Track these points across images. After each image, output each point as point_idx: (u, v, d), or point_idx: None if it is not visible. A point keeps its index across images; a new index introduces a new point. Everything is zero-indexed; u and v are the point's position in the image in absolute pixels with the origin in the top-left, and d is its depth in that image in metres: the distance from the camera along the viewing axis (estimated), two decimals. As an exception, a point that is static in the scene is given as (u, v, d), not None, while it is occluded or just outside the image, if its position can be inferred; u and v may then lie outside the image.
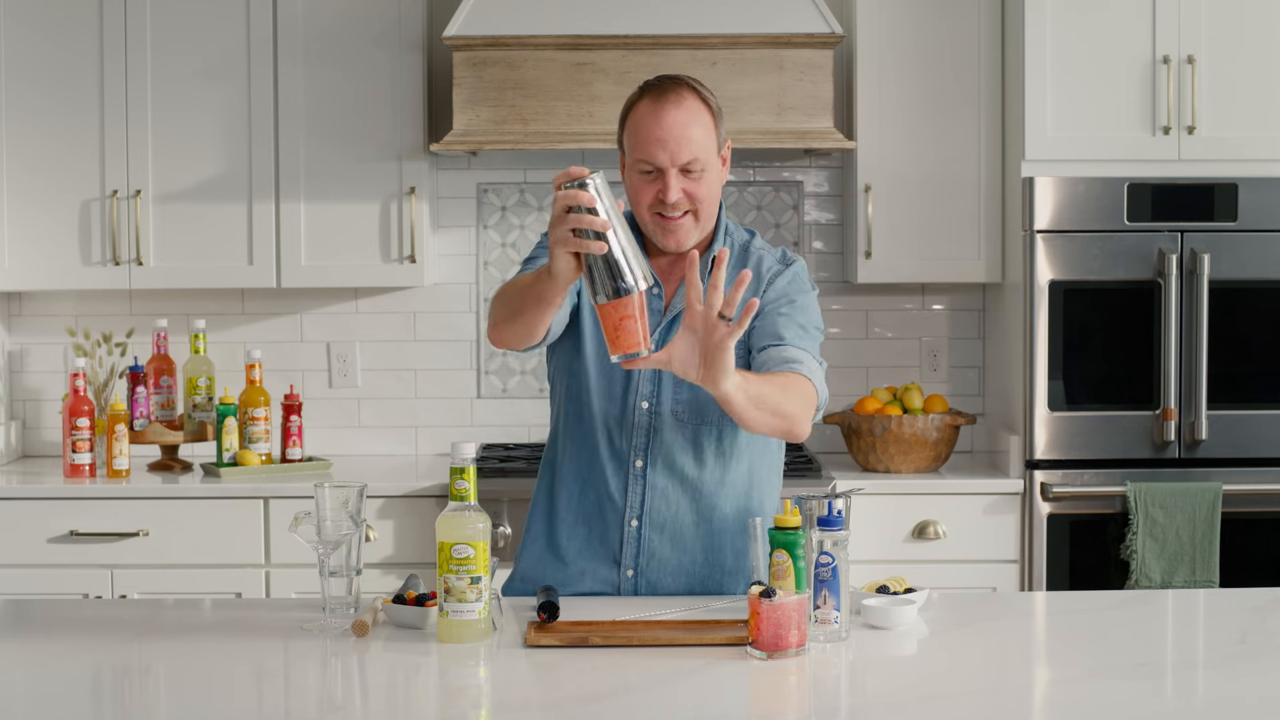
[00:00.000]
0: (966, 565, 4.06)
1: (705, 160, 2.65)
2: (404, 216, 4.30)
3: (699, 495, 2.76)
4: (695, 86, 2.69)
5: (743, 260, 2.79)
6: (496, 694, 2.24)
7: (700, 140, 2.64)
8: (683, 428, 2.74)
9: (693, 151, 2.63)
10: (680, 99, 2.65)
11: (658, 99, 2.65)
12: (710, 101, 2.69)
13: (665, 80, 2.69)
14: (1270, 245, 4.02)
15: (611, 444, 2.76)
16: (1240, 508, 4.01)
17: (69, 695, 2.19)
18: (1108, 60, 4.04)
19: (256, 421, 4.25)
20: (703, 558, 2.77)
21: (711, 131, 2.67)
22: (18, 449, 4.57)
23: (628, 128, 2.70)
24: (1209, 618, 2.63)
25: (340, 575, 2.58)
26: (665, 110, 2.63)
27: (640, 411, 2.74)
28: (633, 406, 2.74)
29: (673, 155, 2.63)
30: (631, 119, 2.68)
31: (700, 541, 2.77)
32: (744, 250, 2.81)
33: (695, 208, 2.67)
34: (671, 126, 2.63)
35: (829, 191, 4.60)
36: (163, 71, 4.27)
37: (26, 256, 4.30)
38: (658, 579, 2.76)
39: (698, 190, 2.66)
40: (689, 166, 2.64)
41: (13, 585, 4.00)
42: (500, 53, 4.08)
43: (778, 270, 2.79)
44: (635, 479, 2.75)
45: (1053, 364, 4.03)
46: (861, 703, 2.20)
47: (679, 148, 2.63)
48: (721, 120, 2.71)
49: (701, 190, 2.66)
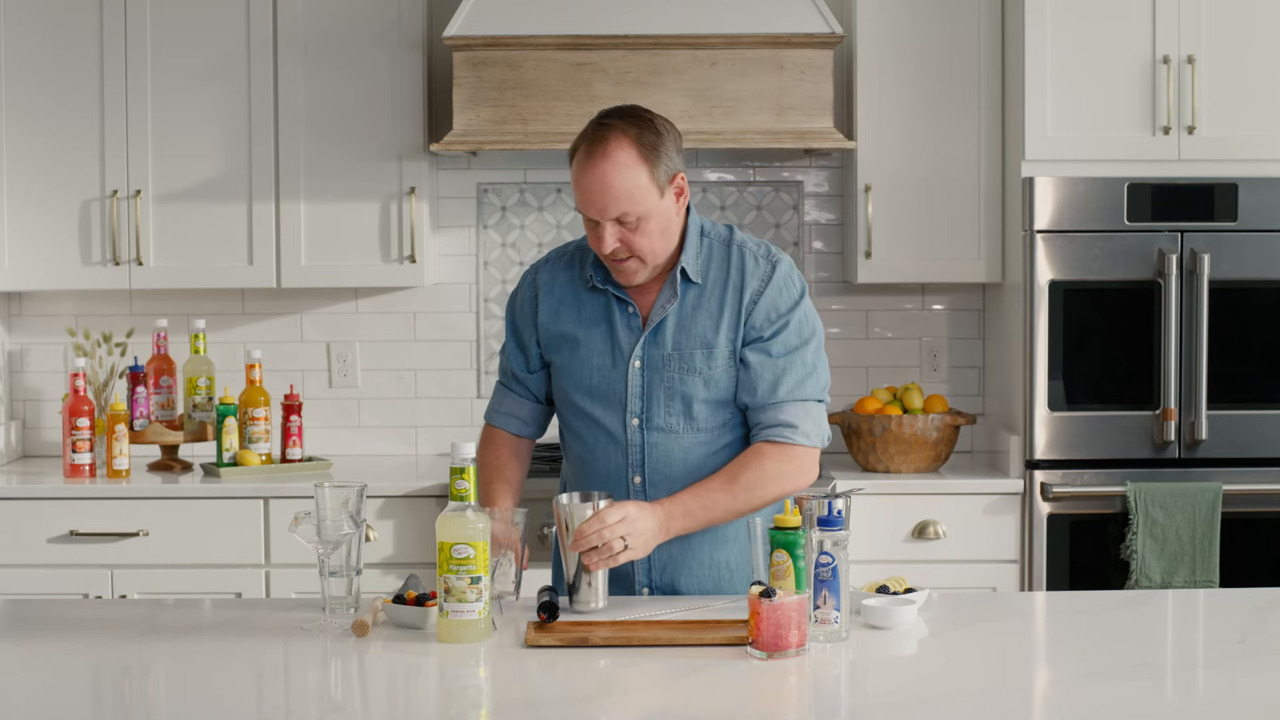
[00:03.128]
0: (966, 565, 4.06)
1: (638, 210, 2.65)
2: (404, 216, 4.30)
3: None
4: (629, 131, 2.65)
5: (726, 259, 2.78)
6: (496, 694, 2.24)
7: (628, 194, 2.63)
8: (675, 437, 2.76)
9: (620, 207, 2.64)
10: (607, 153, 2.63)
11: (589, 152, 2.65)
12: (644, 144, 2.64)
13: (601, 125, 2.67)
14: (1270, 245, 4.02)
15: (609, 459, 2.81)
16: (1240, 508, 4.01)
17: (69, 695, 2.19)
18: (1108, 60, 4.04)
19: (256, 421, 4.25)
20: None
21: (646, 179, 2.64)
22: (18, 449, 4.57)
23: (571, 175, 2.71)
24: (1209, 618, 2.63)
25: (340, 575, 2.58)
26: (592, 166, 2.64)
27: (632, 429, 2.76)
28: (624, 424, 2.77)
29: (601, 211, 2.65)
30: (571, 169, 2.70)
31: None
32: (725, 247, 2.80)
33: (636, 254, 2.69)
34: (597, 185, 2.64)
35: (829, 191, 4.60)
36: (163, 72, 4.27)
37: (26, 256, 4.30)
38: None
39: (634, 240, 2.67)
40: (621, 219, 2.65)
41: (13, 585, 4.00)
42: (500, 53, 4.08)
43: (764, 272, 2.77)
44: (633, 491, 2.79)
45: (1053, 364, 4.03)
46: (861, 703, 2.20)
47: (605, 204, 2.64)
48: (662, 159, 2.66)
49: (639, 240, 2.67)
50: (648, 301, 2.78)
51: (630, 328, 2.76)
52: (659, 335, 2.75)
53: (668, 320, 2.75)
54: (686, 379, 2.74)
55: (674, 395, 2.74)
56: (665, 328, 2.75)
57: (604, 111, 2.73)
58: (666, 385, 2.74)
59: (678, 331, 2.75)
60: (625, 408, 2.75)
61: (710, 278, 2.77)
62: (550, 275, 2.85)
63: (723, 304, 2.75)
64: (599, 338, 2.78)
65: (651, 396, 2.75)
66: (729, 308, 2.75)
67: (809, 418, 2.74)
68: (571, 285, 2.82)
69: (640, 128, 2.67)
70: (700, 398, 2.74)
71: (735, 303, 2.75)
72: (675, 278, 2.75)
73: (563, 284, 2.83)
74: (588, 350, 2.78)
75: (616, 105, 2.76)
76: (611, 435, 2.77)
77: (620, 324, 2.77)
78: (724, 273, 2.77)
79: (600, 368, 2.77)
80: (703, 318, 2.75)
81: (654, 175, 2.66)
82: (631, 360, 2.75)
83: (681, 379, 2.74)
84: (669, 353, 2.74)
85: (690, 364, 2.73)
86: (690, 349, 2.74)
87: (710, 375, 2.74)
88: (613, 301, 2.78)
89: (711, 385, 2.74)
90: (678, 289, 2.75)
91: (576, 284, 2.82)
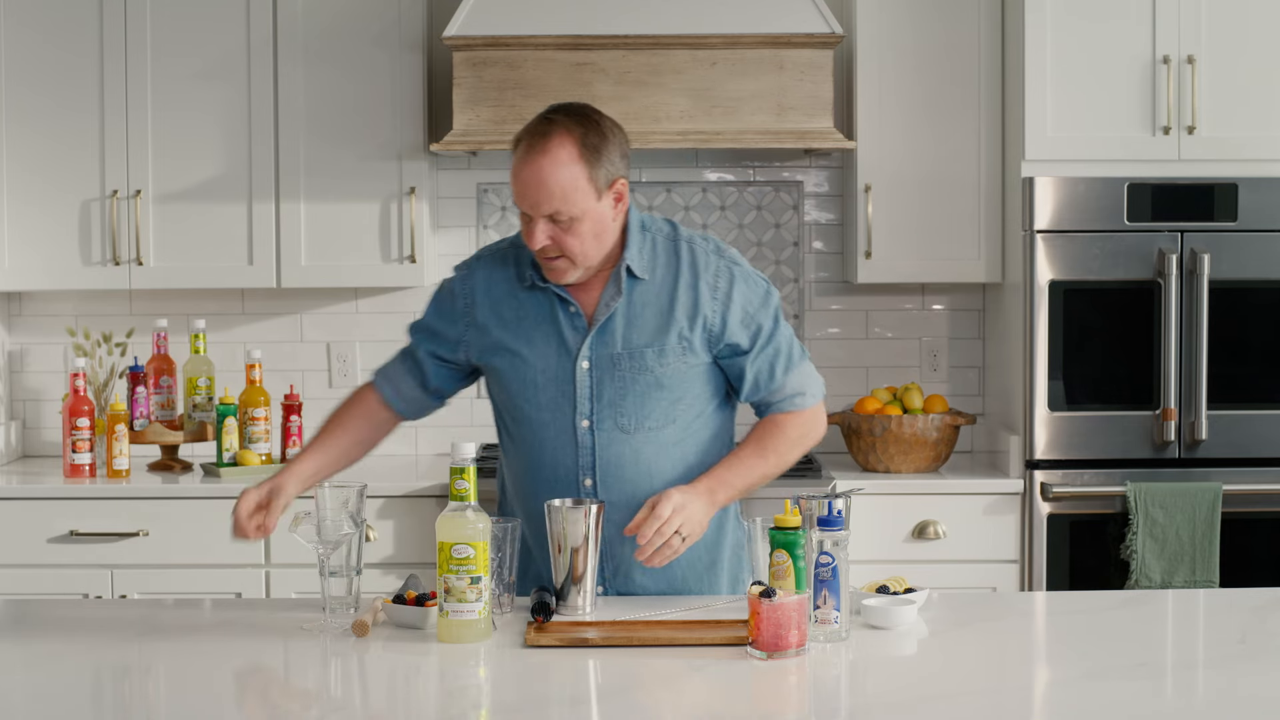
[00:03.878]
0: (966, 565, 4.06)
1: (572, 211, 2.61)
2: (404, 216, 4.30)
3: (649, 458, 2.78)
4: (574, 129, 2.62)
5: (675, 256, 2.75)
6: (496, 694, 2.24)
7: (563, 193, 2.60)
8: (628, 437, 2.74)
9: (554, 205, 2.60)
10: (548, 149, 2.60)
11: (530, 145, 2.62)
12: (587, 144, 2.61)
13: (546, 120, 2.64)
14: (1270, 245, 4.02)
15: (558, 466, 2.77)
16: (1240, 508, 4.01)
17: (69, 695, 2.19)
18: (1108, 60, 4.04)
19: (256, 421, 4.25)
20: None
21: (583, 180, 2.61)
22: (18, 449, 4.57)
23: (511, 164, 2.68)
24: (1209, 618, 2.63)
25: (340, 575, 2.58)
26: (530, 159, 2.61)
27: (582, 430, 2.73)
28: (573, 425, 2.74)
29: (533, 206, 2.62)
30: (514, 157, 2.66)
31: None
32: (671, 243, 2.76)
33: (566, 255, 2.65)
34: (533, 179, 2.60)
35: (829, 191, 4.60)
36: (163, 72, 4.27)
37: (26, 256, 4.30)
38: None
39: (566, 240, 2.63)
40: (554, 217, 2.62)
41: (13, 585, 4.00)
42: (500, 53, 4.08)
43: (726, 271, 2.75)
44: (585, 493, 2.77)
45: (1053, 364, 4.03)
46: (861, 703, 2.20)
47: (539, 199, 2.61)
48: (604, 162, 2.63)
49: (571, 241, 2.63)
50: (590, 299, 2.73)
51: (575, 327, 2.71)
52: (607, 334, 2.71)
53: (615, 318, 2.71)
54: (638, 378, 2.70)
55: (625, 395, 2.71)
56: (613, 326, 2.71)
57: (553, 106, 2.69)
58: (617, 384, 2.70)
59: (627, 329, 2.71)
60: (575, 409, 2.71)
61: (658, 275, 2.73)
62: (487, 273, 2.79)
63: (673, 301, 2.72)
64: (543, 339, 2.73)
65: (601, 397, 2.71)
66: (681, 305, 2.72)
67: (806, 379, 2.80)
68: (509, 284, 2.76)
69: (586, 128, 2.63)
70: (652, 396, 2.71)
71: (689, 300, 2.72)
72: (620, 275, 2.71)
73: (499, 282, 2.77)
74: (532, 353, 2.73)
75: (568, 102, 2.72)
76: (560, 438, 2.73)
77: (565, 323, 2.72)
78: (673, 270, 2.74)
79: (545, 369, 2.72)
80: (652, 315, 2.72)
81: (593, 177, 2.62)
82: (579, 361, 2.71)
83: (633, 378, 2.70)
84: (619, 351, 2.70)
85: (641, 362, 2.70)
86: (641, 347, 2.70)
87: (662, 373, 2.71)
88: (554, 300, 2.73)
89: (664, 383, 2.71)
90: (623, 286, 2.71)
91: (513, 283, 2.76)
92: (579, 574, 2.57)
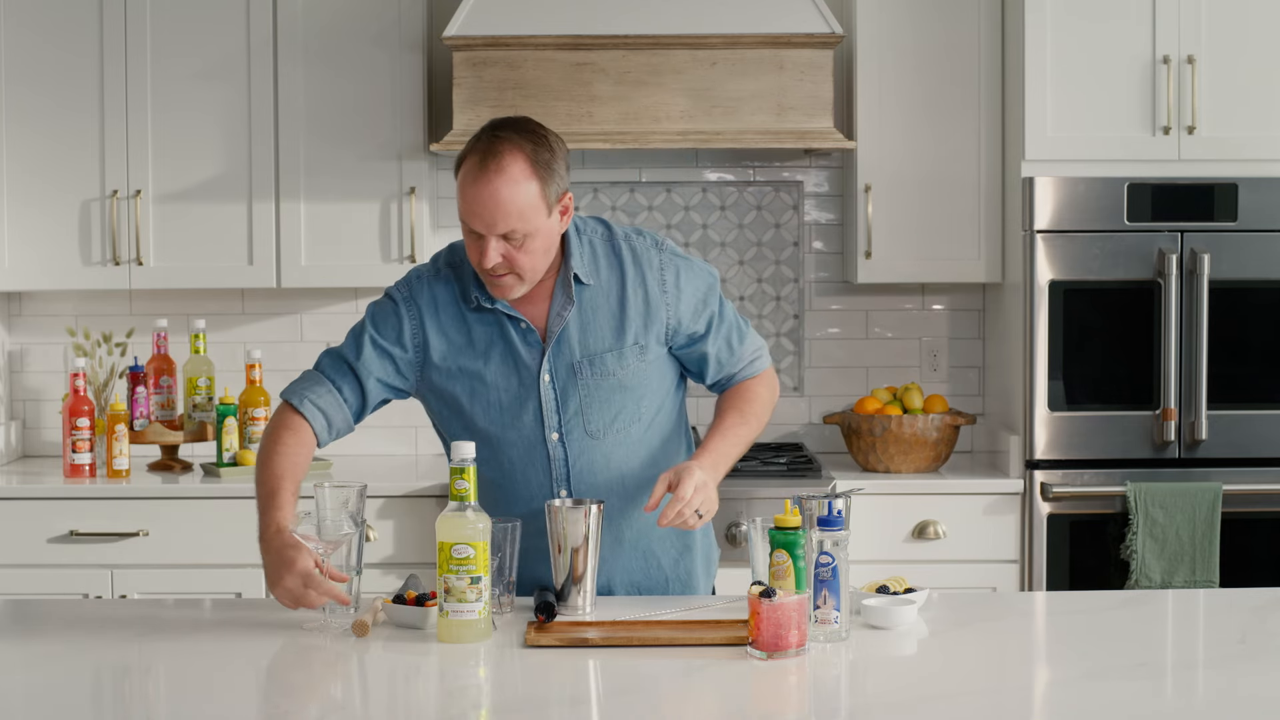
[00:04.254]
0: (966, 565, 4.06)
1: (526, 228, 2.58)
2: (404, 216, 4.30)
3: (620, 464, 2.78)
4: (524, 146, 2.58)
5: (615, 256, 2.73)
6: (496, 694, 2.24)
7: (519, 211, 2.57)
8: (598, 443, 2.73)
9: (509, 224, 2.57)
10: (501, 167, 2.56)
11: (480, 165, 2.57)
12: (539, 161, 2.58)
13: (495, 138, 2.59)
14: (1270, 245, 4.02)
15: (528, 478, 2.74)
16: (1240, 508, 4.01)
17: (69, 695, 2.19)
18: (1108, 60, 4.04)
19: (256, 421, 4.25)
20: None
21: (537, 197, 2.58)
22: (18, 449, 4.57)
23: (457, 183, 2.63)
24: (1209, 618, 2.63)
25: (340, 575, 2.58)
26: (485, 179, 2.56)
27: (553, 443, 2.72)
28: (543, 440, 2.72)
29: (489, 225, 2.58)
30: (459, 177, 2.61)
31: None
32: (608, 244, 2.75)
33: (516, 271, 2.63)
34: (488, 199, 2.56)
35: (829, 191, 4.60)
36: (163, 72, 4.27)
37: (26, 256, 4.30)
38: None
39: (518, 258, 2.60)
40: (508, 236, 2.59)
41: (13, 585, 4.00)
42: (500, 53, 4.08)
43: (670, 265, 2.75)
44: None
45: (1053, 364, 4.03)
46: (861, 703, 2.20)
47: (493, 219, 2.57)
48: (555, 178, 2.61)
49: (523, 259, 2.61)
50: (539, 312, 2.70)
51: (529, 343, 2.69)
52: (563, 344, 2.69)
53: (569, 327, 2.69)
54: (601, 383, 2.69)
55: (591, 401, 2.70)
56: (568, 335, 2.69)
57: (495, 121, 2.65)
58: (582, 393, 2.69)
59: (582, 336, 2.69)
60: (542, 424, 2.70)
61: (602, 277, 2.71)
62: (430, 295, 2.73)
63: (623, 302, 2.71)
64: (499, 359, 2.69)
65: (567, 407, 2.70)
66: (631, 304, 2.71)
67: (755, 341, 2.86)
68: (454, 305, 2.72)
69: (535, 144, 2.60)
70: (618, 399, 2.71)
71: (639, 298, 2.71)
72: (568, 282, 2.69)
73: (445, 303, 2.72)
74: (490, 374, 2.69)
75: (507, 115, 2.68)
76: (530, 454, 2.71)
77: (518, 341, 2.69)
78: (617, 270, 2.72)
79: (508, 389, 2.69)
80: (604, 318, 2.70)
81: (545, 193, 2.59)
82: (540, 375, 2.69)
83: (596, 383, 2.69)
84: (578, 360, 2.69)
85: (602, 367, 2.69)
86: (599, 352, 2.69)
87: (623, 375, 2.70)
88: (503, 320, 2.69)
89: (626, 384, 2.71)
90: (572, 294, 2.69)
91: (458, 305, 2.72)
92: (579, 574, 2.57)
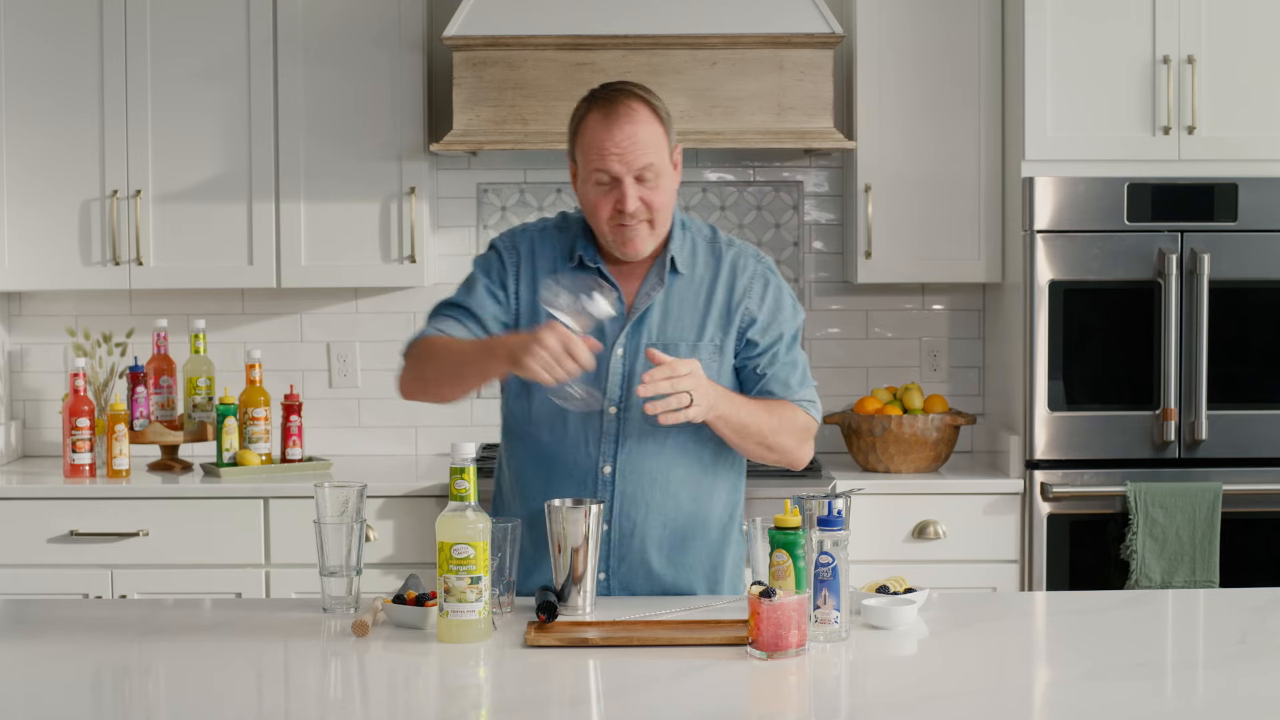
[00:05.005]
0: (966, 565, 4.06)
1: (659, 166, 2.66)
2: (404, 216, 4.30)
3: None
4: (643, 95, 2.69)
5: (715, 257, 2.78)
6: (496, 694, 2.24)
7: (653, 147, 2.66)
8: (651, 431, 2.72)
9: (647, 158, 2.64)
10: (630, 110, 2.66)
11: (608, 111, 2.66)
12: (659, 109, 2.70)
13: (613, 90, 2.70)
14: (1270, 245, 4.02)
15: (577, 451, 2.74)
16: (1240, 508, 4.01)
17: (69, 695, 2.19)
18: (1108, 60, 4.04)
19: (256, 421, 4.25)
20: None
21: (663, 138, 2.68)
22: (18, 449, 4.57)
23: (579, 141, 2.69)
24: (1209, 618, 2.63)
25: (340, 575, 2.58)
26: (617, 122, 2.65)
27: (608, 417, 2.73)
28: (600, 411, 2.72)
29: (628, 164, 2.64)
30: (583, 132, 2.69)
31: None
32: (710, 244, 2.80)
33: (652, 216, 2.68)
34: (624, 137, 2.64)
35: (829, 191, 4.60)
36: (163, 72, 4.27)
37: (26, 256, 4.30)
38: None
39: (654, 198, 2.67)
40: (643, 174, 2.65)
41: (13, 585, 4.00)
42: (500, 53, 4.08)
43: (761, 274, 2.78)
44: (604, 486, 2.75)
45: (1053, 364, 4.03)
46: (861, 703, 2.20)
47: (633, 156, 2.64)
48: (671, 126, 2.72)
49: (658, 198, 2.67)
50: (630, 289, 2.75)
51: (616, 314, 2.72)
52: (643, 324, 2.73)
53: (653, 309, 2.73)
54: None
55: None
56: (650, 316, 2.73)
57: (606, 84, 2.74)
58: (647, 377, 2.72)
59: (663, 321, 2.73)
60: (605, 395, 2.72)
61: (697, 272, 2.76)
62: (531, 245, 2.79)
63: (710, 300, 2.75)
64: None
65: (630, 385, 2.72)
66: (717, 306, 2.75)
67: (811, 395, 2.81)
68: (554, 260, 2.76)
69: (648, 95, 2.70)
70: None
71: (725, 301, 2.75)
72: (664, 265, 2.74)
73: (545, 256, 2.77)
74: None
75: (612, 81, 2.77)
76: (584, 423, 2.73)
77: None
78: (713, 270, 2.77)
79: None
80: (688, 311, 2.74)
81: (667, 137, 2.70)
82: (614, 347, 2.72)
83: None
84: (653, 342, 2.72)
85: (675, 355, 2.70)
86: (675, 340, 2.73)
87: None
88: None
89: None
90: (665, 277, 2.74)
91: (558, 260, 2.76)
92: (579, 574, 2.57)
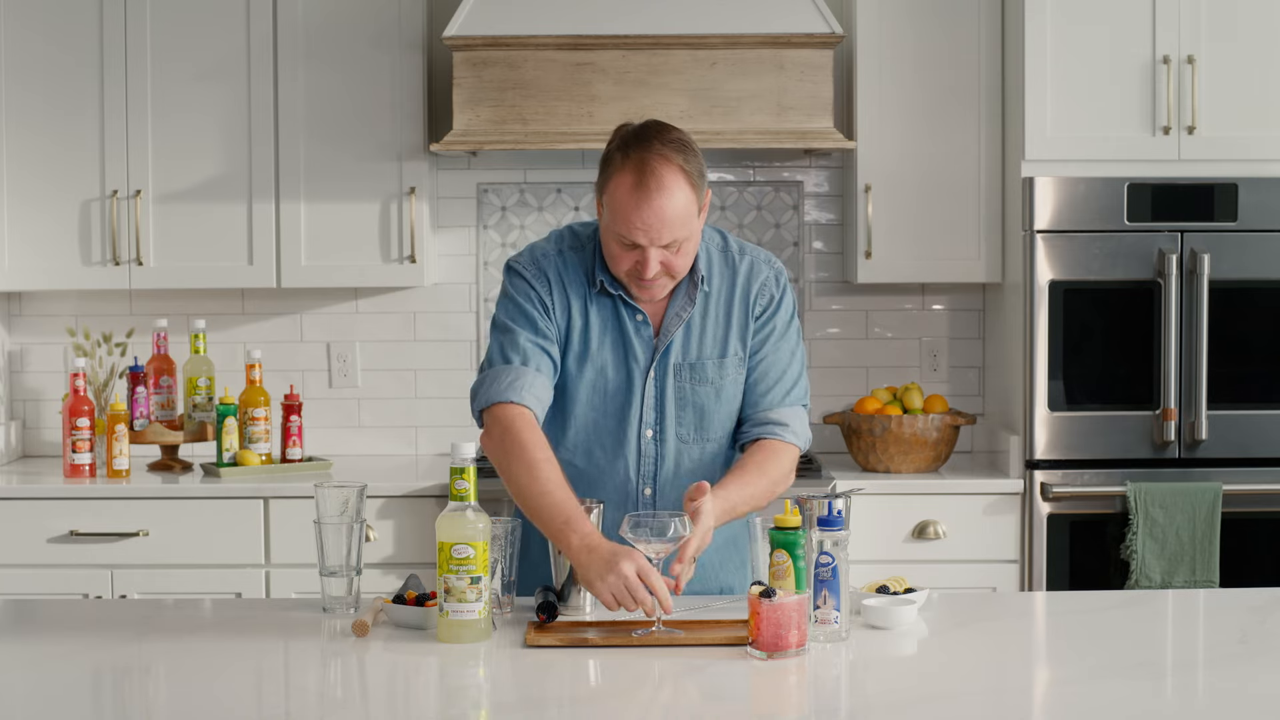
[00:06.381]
0: (966, 565, 4.06)
1: (686, 234, 2.61)
2: (404, 216, 4.30)
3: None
4: (676, 159, 2.58)
5: (729, 265, 2.76)
6: (496, 694, 2.24)
7: (681, 220, 2.59)
8: (686, 447, 2.74)
9: (674, 234, 2.59)
10: (661, 184, 2.56)
11: (640, 184, 2.56)
12: (691, 171, 2.60)
13: (647, 146, 2.58)
14: (1270, 245, 4.02)
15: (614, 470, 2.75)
16: (1240, 508, 4.01)
17: (69, 695, 2.19)
18: (1107, 60, 4.04)
19: (256, 421, 4.25)
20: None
21: (693, 204, 2.60)
22: (18, 449, 4.57)
23: (608, 198, 2.61)
24: (1209, 618, 2.63)
25: (340, 575, 2.58)
26: (646, 196, 2.56)
27: (646, 440, 2.73)
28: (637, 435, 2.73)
29: (653, 239, 2.59)
30: (613, 191, 2.60)
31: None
32: (724, 254, 2.77)
33: (672, 274, 2.66)
34: (652, 215, 2.56)
35: (829, 191, 4.60)
36: (162, 72, 4.27)
37: (26, 256, 4.30)
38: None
39: (675, 262, 2.63)
40: (669, 245, 2.61)
41: (13, 585, 4.00)
42: (500, 53, 4.08)
43: (773, 279, 2.77)
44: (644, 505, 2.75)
45: (1053, 364, 4.03)
46: (861, 703, 2.20)
47: (659, 233, 2.58)
48: (702, 179, 2.63)
49: (679, 261, 2.64)
50: (656, 310, 2.73)
51: (641, 335, 2.71)
52: (672, 345, 2.72)
53: (679, 329, 2.73)
54: (698, 389, 2.72)
55: (685, 405, 2.72)
56: (676, 336, 2.72)
57: (635, 131, 2.62)
58: (678, 395, 2.71)
59: (688, 340, 2.72)
60: (640, 419, 2.72)
61: (715, 284, 2.75)
62: (558, 269, 2.73)
63: (730, 312, 2.74)
64: (610, 346, 2.71)
65: (664, 407, 2.72)
66: (736, 316, 2.74)
67: (803, 421, 2.78)
68: (581, 284, 2.72)
69: (684, 154, 2.60)
70: (711, 407, 2.73)
71: (743, 311, 2.75)
72: (693, 284, 2.71)
73: (574, 280, 2.72)
74: (604, 360, 2.71)
75: (646, 122, 2.66)
76: (622, 447, 2.73)
77: (632, 331, 2.71)
78: (729, 280, 2.75)
79: (614, 377, 2.71)
80: (711, 326, 2.73)
81: (697, 199, 2.62)
82: (649, 370, 2.71)
83: (694, 389, 2.72)
84: (680, 362, 2.71)
85: (702, 374, 2.71)
86: (702, 358, 2.72)
87: (721, 384, 2.73)
88: (620, 306, 2.71)
89: (722, 394, 2.74)
90: (695, 296, 2.71)
91: (583, 286, 2.72)
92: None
